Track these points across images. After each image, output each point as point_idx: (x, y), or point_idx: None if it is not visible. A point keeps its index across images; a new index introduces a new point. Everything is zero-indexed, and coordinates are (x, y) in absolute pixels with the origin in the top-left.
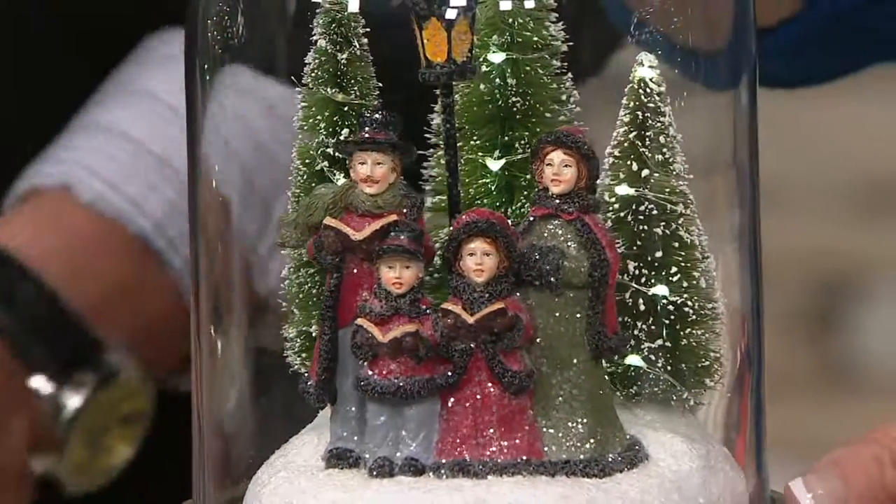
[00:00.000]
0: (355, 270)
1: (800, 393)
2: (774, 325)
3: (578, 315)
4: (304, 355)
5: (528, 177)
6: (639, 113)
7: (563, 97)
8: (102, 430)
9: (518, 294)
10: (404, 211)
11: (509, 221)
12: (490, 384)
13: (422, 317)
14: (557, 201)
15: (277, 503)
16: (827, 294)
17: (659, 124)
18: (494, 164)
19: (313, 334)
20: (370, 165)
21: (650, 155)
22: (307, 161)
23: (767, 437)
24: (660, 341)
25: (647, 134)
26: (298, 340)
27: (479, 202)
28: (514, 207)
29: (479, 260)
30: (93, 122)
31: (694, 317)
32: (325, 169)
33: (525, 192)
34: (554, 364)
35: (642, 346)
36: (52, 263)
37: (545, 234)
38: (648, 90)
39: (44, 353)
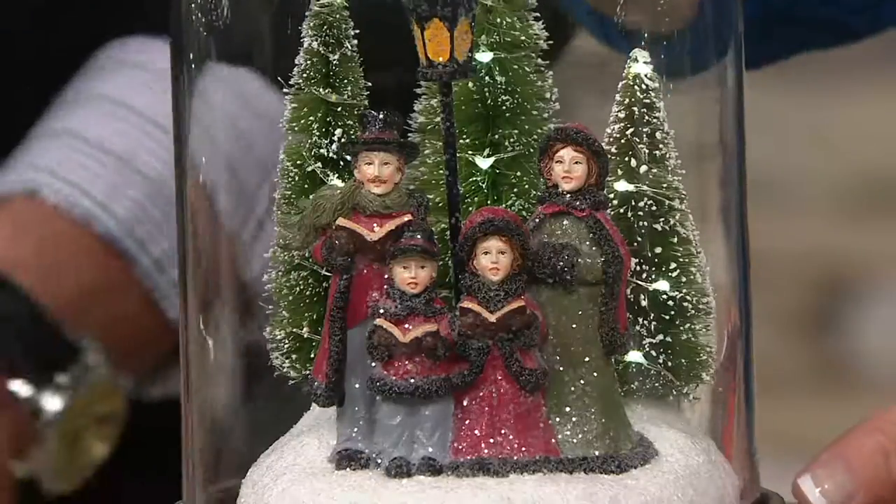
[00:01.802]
0: (365, 271)
1: (798, 392)
2: (773, 324)
3: (590, 312)
4: (293, 356)
5: (519, 173)
6: (634, 109)
7: (547, 94)
8: (80, 430)
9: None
10: (412, 211)
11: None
12: (505, 382)
13: (437, 316)
14: (568, 198)
15: None
16: (825, 294)
17: (655, 120)
18: (483, 163)
19: (305, 336)
20: (377, 166)
21: (647, 151)
22: (298, 162)
23: (766, 437)
24: (660, 337)
25: (644, 130)
26: (286, 342)
27: (468, 201)
28: (504, 206)
29: (494, 258)
30: (54, 128)
31: (692, 311)
32: (317, 171)
33: (514, 191)
34: (566, 362)
35: (643, 342)
36: (23, 267)
37: (557, 232)
38: (643, 86)
39: (21, 356)
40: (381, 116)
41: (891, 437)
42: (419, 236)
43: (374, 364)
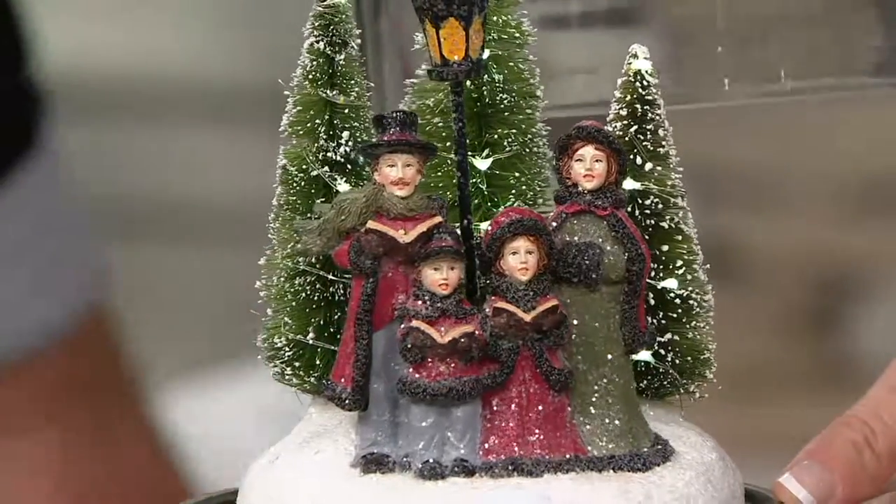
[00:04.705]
0: (390, 274)
1: (798, 392)
2: (773, 324)
3: (612, 311)
4: (296, 364)
5: (517, 174)
6: (637, 106)
7: (538, 92)
8: None
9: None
10: (433, 213)
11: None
12: (535, 382)
13: (468, 317)
14: (589, 197)
15: None
16: (825, 294)
17: (657, 117)
18: (482, 164)
19: (310, 342)
20: (400, 168)
21: (651, 148)
22: (303, 167)
23: (766, 437)
24: (668, 335)
25: (647, 127)
26: (288, 350)
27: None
28: (504, 207)
29: (523, 258)
30: None
31: (697, 309)
32: (323, 175)
33: (513, 192)
34: (589, 360)
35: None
36: None
37: (578, 231)
38: (645, 82)
39: None
40: (399, 117)
41: (859, 431)
42: (449, 238)
43: (396, 366)
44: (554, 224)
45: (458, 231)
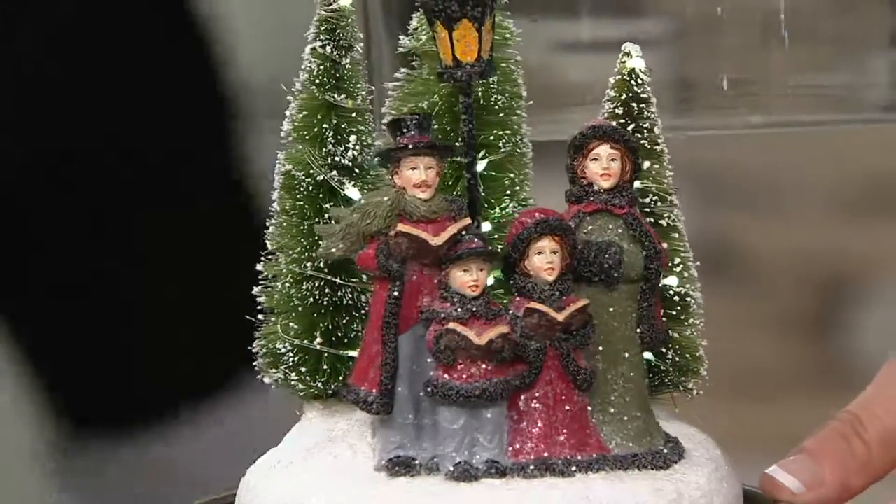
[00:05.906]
0: (415, 277)
1: (799, 393)
2: (773, 325)
3: (629, 309)
4: (302, 370)
5: (512, 175)
6: (632, 104)
7: (523, 92)
8: None
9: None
10: (453, 215)
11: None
12: (561, 383)
13: (497, 317)
14: (606, 196)
15: None
16: (826, 294)
17: (651, 115)
18: (478, 165)
19: (317, 347)
20: (423, 170)
21: (648, 146)
22: (309, 172)
23: (766, 438)
24: (669, 332)
25: (644, 125)
26: (292, 355)
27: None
28: (498, 208)
29: (549, 258)
30: None
31: (693, 307)
32: (330, 179)
33: (507, 193)
34: (608, 359)
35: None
36: None
37: (595, 230)
38: (639, 81)
39: None
40: (417, 121)
41: (848, 422)
42: (478, 239)
43: (418, 368)
44: (571, 224)
45: None
